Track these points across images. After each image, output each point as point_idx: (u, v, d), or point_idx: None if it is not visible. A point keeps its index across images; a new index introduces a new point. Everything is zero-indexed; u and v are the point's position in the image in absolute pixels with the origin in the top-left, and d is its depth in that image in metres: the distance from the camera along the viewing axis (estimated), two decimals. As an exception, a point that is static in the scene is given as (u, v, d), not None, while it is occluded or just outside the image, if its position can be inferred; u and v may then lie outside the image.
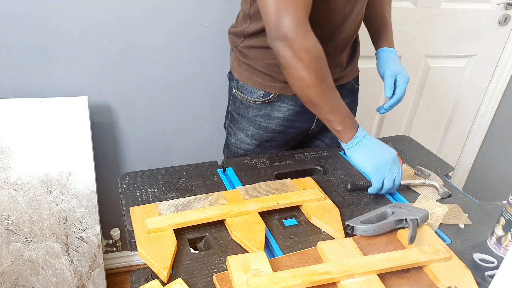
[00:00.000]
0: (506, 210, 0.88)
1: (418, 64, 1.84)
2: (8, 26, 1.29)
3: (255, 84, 1.18)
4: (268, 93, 1.17)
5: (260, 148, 1.26)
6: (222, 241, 0.88)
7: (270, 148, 1.26)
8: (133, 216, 0.89)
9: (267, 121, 1.21)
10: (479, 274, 0.83)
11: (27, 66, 1.36)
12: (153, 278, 0.84)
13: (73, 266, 1.57)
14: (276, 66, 1.11)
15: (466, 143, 2.19)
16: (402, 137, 1.37)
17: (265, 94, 1.17)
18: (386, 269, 0.79)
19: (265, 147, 1.26)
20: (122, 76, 1.47)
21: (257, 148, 1.26)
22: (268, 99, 1.18)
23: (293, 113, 1.20)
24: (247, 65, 1.18)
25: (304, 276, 0.75)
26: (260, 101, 1.19)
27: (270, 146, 1.26)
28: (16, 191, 1.42)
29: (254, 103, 1.20)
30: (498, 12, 1.82)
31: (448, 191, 1.06)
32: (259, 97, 1.18)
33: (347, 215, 0.98)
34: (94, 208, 1.52)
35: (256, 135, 1.24)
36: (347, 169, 1.16)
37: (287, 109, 1.19)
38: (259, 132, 1.23)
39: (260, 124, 1.22)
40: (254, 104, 1.20)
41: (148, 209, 0.91)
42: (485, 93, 2.04)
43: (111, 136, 1.58)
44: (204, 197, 0.96)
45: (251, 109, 1.21)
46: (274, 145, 1.26)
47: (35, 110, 1.36)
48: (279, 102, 1.18)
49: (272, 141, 1.25)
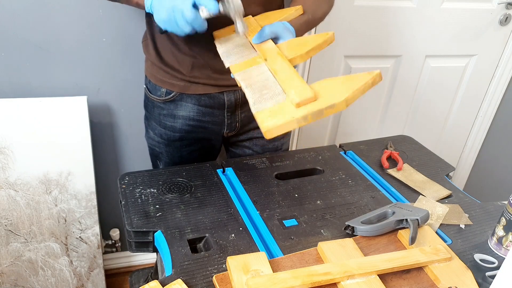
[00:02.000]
0: (507, 210, 0.88)
1: (418, 64, 1.84)
2: (8, 26, 1.29)
3: (157, 81, 1.15)
4: (170, 91, 1.13)
5: (171, 148, 1.21)
6: (222, 241, 0.87)
7: (182, 147, 1.21)
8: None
9: (172, 121, 1.17)
10: (480, 275, 0.83)
11: (26, 66, 1.36)
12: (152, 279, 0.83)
13: (72, 266, 1.57)
14: (177, 62, 1.09)
15: (467, 143, 2.18)
16: (403, 137, 1.36)
17: (167, 92, 1.14)
18: (387, 270, 0.79)
19: (176, 146, 1.21)
20: (122, 76, 1.47)
21: (168, 148, 1.21)
22: (170, 97, 1.14)
23: (198, 113, 1.15)
24: (149, 61, 1.16)
25: (305, 276, 0.75)
26: (163, 100, 1.15)
27: (182, 145, 1.21)
28: (15, 191, 1.42)
29: (158, 102, 1.16)
30: (499, 12, 1.82)
31: None
32: (162, 95, 1.15)
33: (347, 215, 0.98)
34: (94, 208, 1.52)
35: (163, 134, 1.19)
36: (347, 169, 1.16)
37: (191, 109, 1.15)
38: (166, 132, 1.19)
39: (165, 123, 1.18)
40: (158, 103, 1.16)
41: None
42: (486, 92, 2.04)
43: (110, 136, 1.58)
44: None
45: (156, 107, 1.18)
46: (186, 143, 1.21)
47: (34, 110, 1.36)
48: (182, 101, 1.14)
49: (182, 140, 1.20)
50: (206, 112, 1.16)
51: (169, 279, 0.77)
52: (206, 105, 1.15)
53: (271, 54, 0.87)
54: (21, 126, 1.36)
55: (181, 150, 1.22)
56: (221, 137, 1.25)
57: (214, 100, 1.15)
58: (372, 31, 1.69)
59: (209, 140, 1.24)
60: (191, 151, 1.23)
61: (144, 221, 0.92)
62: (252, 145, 1.28)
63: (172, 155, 1.23)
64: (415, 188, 1.10)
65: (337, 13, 1.60)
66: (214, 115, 1.17)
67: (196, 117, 1.16)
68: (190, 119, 1.16)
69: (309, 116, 0.72)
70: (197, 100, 1.14)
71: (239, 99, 1.16)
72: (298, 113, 0.73)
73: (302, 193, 1.04)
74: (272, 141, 1.27)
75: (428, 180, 1.13)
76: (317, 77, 1.70)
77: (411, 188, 1.10)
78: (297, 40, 0.91)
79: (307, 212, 0.98)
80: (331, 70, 1.72)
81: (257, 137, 1.25)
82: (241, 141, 1.28)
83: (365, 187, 1.09)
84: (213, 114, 1.17)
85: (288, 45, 0.90)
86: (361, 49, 1.72)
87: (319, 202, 1.02)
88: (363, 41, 1.71)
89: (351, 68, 1.74)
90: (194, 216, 0.94)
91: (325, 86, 0.77)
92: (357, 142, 1.30)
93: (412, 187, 1.10)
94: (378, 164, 1.20)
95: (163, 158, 1.25)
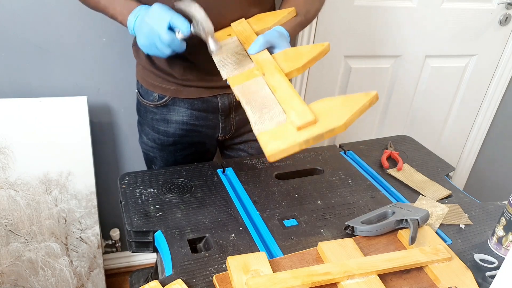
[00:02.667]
0: (506, 210, 0.88)
1: (418, 64, 1.84)
2: (8, 26, 1.29)
3: (148, 86, 1.13)
4: (162, 95, 1.12)
5: (165, 153, 1.20)
6: (222, 241, 0.87)
7: (176, 151, 1.20)
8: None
9: (166, 125, 1.15)
10: (480, 275, 0.83)
11: (26, 66, 1.36)
12: (152, 279, 0.83)
13: (72, 266, 1.57)
14: (168, 65, 1.08)
15: (467, 143, 2.18)
16: (403, 137, 1.36)
17: (160, 96, 1.12)
18: (387, 270, 0.79)
19: (170, 151, 1.20)
20: (122, 76, 1.47)
21: (161, 152, 1.20)
22: (163, 102, 1.12)
23: (191, 117, 1.14)
24: (140, 65, 1.14)
25: (305, 276, 0.75)
26: (155, 104, 1.13)
27: (176, 149, 1.20)
28: (16, 191, 1.42)
29: (150, 107, 1.15)
30: (498, 12, 1.82)
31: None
32: (154, 100, 1.13)
33: (347, 215, 0.98)
34: (94, 208, 1.52)
35: (156, 139, 1.18)
36: (347, 169, 1.16)
37: (184, 113, 1.13)
38: (159, 137, 1.17)
39: (158, 129, 1.16)
40: (151, 108, 1.15)
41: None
42: (486, 93, 2.04)
43: (110, 136, 1.58)
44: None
45: (148, 112, 1.16)
46: (180, 148, 1.20)
47: (34, 110, 1.36)
48: (175, 105, 1.13)
49: (176, 144, 1.19)
50: (199, 116, 1.15)
51: (169, 279, 0.77)
52: (199, 109, 1.13)
53: (269, 68, 0.88)
54: (22, 126, 1.36)
55: (175, 154, 1.21)
56: (215, 141, 1.24)
57: (208, 104, 1.13)
58: (372, 31, 1.69)
59: (203, 144, 1.22)
60: (185, 155, 1.22)
61: (144, 221, 0.92)
62: (247, 147, 1.26)
63: (166, 159, 1.22)
64: (415, 188, 1.10)
65: (337, 13, 1.60)
66: (208, 119, 1.16)
67: (190, 121, 1.15)
68: (184, 123, 1.15)
69: (310, 140, 0.74)
70: (190, 104, 1.13)
71: (233, 102, 1.15)
72: (300, 137, 0.74)
73: (302, 193, 1.05)
74: None
75: (428, 180, 1.13)
76: (317, 77, 1.70)
77: (411, 188, 1.10)
78: (293, 51, 0.91)
79: (307, 212, 0.98)
80: (331, 70, 1.72)
81: (253, 140, 1.23)
82: (236, 144, 1.26)
83: (365, 187, 1.09)
84: (207, 118, 1.15)
85: (285, 57, 0.90)
86: (361, 49, 1.72)
87: (319, 202, 1.02)
88: (363, 41, 1.71)
89: (351, 68, 1.75)
90: (194, 216, 0.94)
91: (324, 107, 0.79)
92: (357, 142, 1.30)
93: (412, 187, 1.10)
94: (378, 164, 1.20)
95: (158, 163, 1.24)
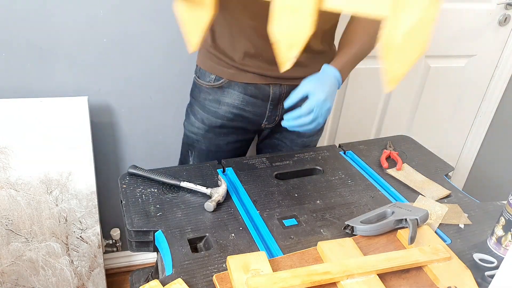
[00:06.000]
0: (506, 210, 0.88)
1: (418, 64, 1.84)
2: (8, 26, 1.29)
3: (207, 67, 1.19)
4: (219, 77, 1.17)
5: (211, 134, 1.25)
6: (222, 241, 0.88)
7: (220, 135, 1.25)
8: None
9: (216, 106, 1.21)
10: (479, 274, 0.83)
11: (27, 66, 1.36)
12: (153, 278, 0.84)
13: (73, 266, 1.57)
14: (231, 47, 1.13)
15: (466, 143, 2.18)
16: (403, 137, 1.37)
17: (217, 78, 1.18)
18: (386, 269, 0.79)
19: (216, 133, 1.25)
20: (122, 76, 1.47)
21: (207, 133, 1.25)
22: (219, 84, 1.18)
23: (242, 102, 1.19)
24: (205, 49, 1.20)
25: (304, 276, 0.75)
26: (211, 85, 1.19)
27: (220, 133, 1.25)
28: (16, 191, 1.42)
29: (206, 87, 1.21)
30: (498, 12, 1.82)
31: None
32: (210, 81, 1.19)
33: (346, 215, 0.98)
34: (94, 208, 1.52)
35: (205, 119, 1.23)
36: (346, 169, 1.17)
37: (237, 97, 1.19)
38: (208, 117, 1.23)
39: (209, 109, 1.22)
40: (206, 88, 1.21)
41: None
42: (485, 93, 2.04)
43: (111, 136, 1.58)
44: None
45: (202, 92, 1.22)
46: (224, 132, 1.25)
47: (35, 110, 1.36)
48: (229, 88, 1.18)
49: (222, 127, 1.24)
50: (250, 101, 1.19)
51: (170, 278, 0.77)
52: (251, 94, 1.18)
53: None
54: (22, 126, 1.36)
55: (218, 138, 1.26)
56: (258, 128, 1.29)
57: (260, 91, 1.18)
58: (372, 31, 1.69)
59: (246, 131, 1.28)
60: (227, 142, 1.27)
61: (145, 220, 0.92)
62: (282, 137, 1.32)
63: (209, 142, 1.27)
64: (414, 188, 1.10)
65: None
66: (256, 105, 1.20)
67: (240, 105, 1.20)
68: (234, 106, 1.20)
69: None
70: (244, 89, 1.17)
71: (284, 93, 1.19)
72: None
73: (302, 193, 1.05)
74: (301, 137, 1.30)
75: (428, 180, 1.13)
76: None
77: (411, 188, 1.10)
78: None
79: (307, 212, 0.98)
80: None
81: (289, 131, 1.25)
82: (273, 133, 1.33)
83: (365, 187, 1.09)
84: (255, 105, 1.20)
85: None
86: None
87: (319, 202, 1.02)
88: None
89: (351, 68, 1.75)
90: (194, 216, 0.94)
91: None
92: (356, 142, 1.30)
93: (412, 187, 1.10)
94: (377, 164, 1.20)
95: (197, 147, 1.28)
